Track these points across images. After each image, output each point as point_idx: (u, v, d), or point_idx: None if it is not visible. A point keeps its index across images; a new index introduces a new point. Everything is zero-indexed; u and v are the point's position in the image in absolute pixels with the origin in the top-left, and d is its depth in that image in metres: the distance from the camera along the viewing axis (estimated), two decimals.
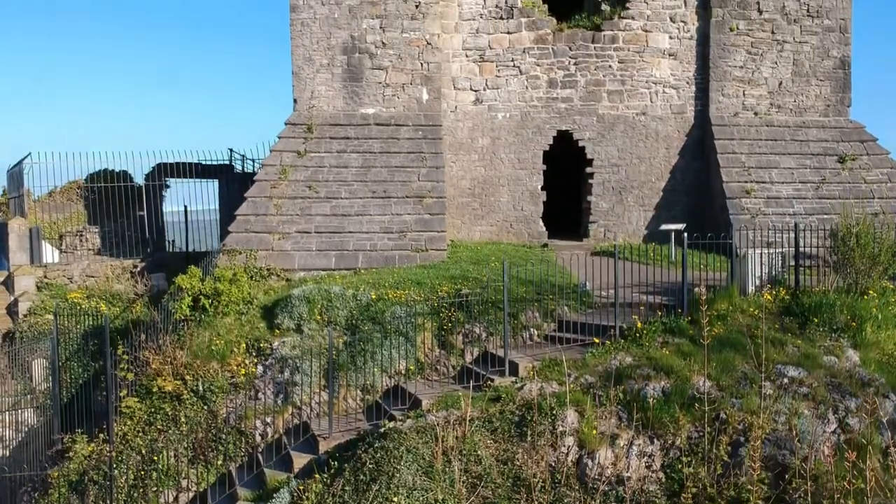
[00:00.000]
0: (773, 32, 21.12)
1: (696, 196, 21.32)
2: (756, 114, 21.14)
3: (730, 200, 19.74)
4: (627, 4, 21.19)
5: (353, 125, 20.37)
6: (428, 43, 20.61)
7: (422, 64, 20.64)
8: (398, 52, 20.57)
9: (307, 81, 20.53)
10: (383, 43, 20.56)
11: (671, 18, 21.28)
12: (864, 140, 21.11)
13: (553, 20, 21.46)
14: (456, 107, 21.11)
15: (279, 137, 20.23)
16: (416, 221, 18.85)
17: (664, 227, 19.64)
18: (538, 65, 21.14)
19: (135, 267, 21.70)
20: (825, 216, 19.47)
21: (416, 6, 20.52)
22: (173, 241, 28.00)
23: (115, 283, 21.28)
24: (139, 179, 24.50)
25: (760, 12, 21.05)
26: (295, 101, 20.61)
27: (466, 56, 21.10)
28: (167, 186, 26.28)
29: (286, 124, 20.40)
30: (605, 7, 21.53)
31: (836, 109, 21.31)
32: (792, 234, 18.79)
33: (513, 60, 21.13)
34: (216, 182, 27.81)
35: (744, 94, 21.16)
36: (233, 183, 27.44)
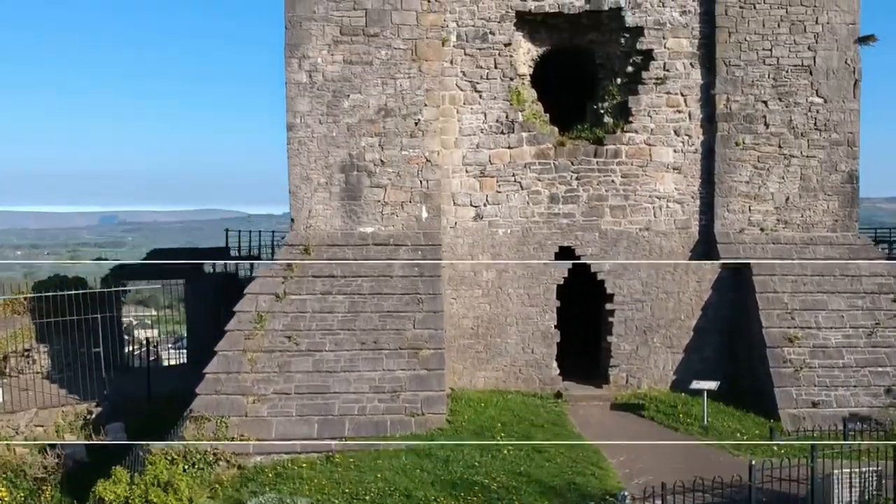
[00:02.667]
0: (780, 147, 20.69)
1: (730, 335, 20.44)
2: (762, 230, 20.72)
3: (770, 350, 18.68)
4: (630, 118, 20.81)
5: (351, 245, 20.00)
6: (427, 160, 20.28)
7: (421, 181, 20.30)
8: (397, 169, 20.24)
9: (304, 200, 20.21)
10: (382, 161, 20.23)
11: (675, 132, 20.89)
12: (872, 258, 20.63)
13: (555, 130, 21.11)
14: (456, 223, 20.76)
15: (254, 276, 19.70)
16: (410, 379, 17.51)
17: (695, 384, 18.62)
18: (539, 180, 20.79)
19: (89, 413, 19.61)
20: (879, 369, 18.43)
21: (416, 123, 20.19)
22: (139, 353, 26.43)
23: (68, 433, 18.94)
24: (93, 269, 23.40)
25: (767, 126, 20.63)
26: (292, 220, 20.32)
27: (466, 171, 20.77)
28: (126, 292, 25.63)
29: (282, 245, 20.10)
30: (607, 119, 21.16)
31: (843, 225, 20.86)
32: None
33: (514, 175, 20.78)
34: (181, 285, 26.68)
35: (750, 210, 20.74)
36: (199, 287, 26.50)
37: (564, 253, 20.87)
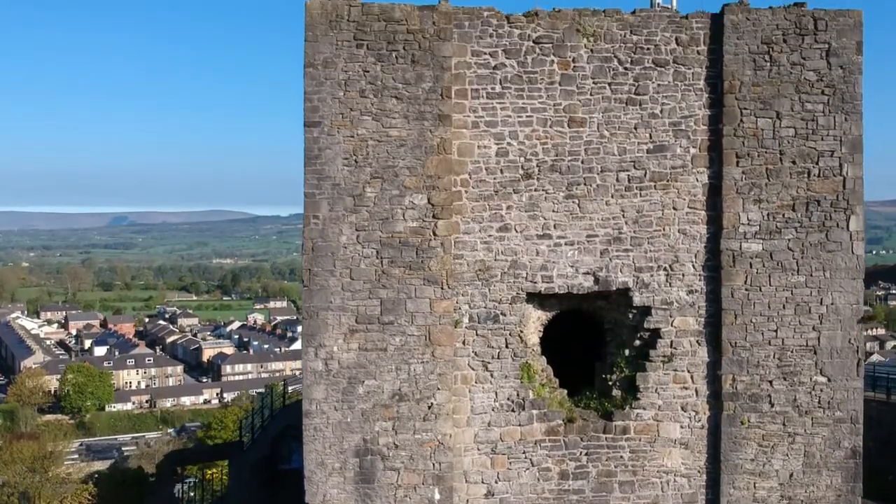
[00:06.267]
0: (784, 425, 21.15)
1: None
2: None
3: None
4: (638, 394, 21.25)
5: None
6: (440, 443, 20.68)
7: (434, 464, 20.70)
8: (410, 453, 20.65)
9: (319, 485, 20.61)
10: (395, 445, 20.64)
11: (682, 408, 21.34)
12: None
13: (565, 398, 21.59)
14: (468, 500, 21.19)
15: None
16: None
17: None
18: (549, 456, 21.22)
19: None
20: None
21: (429, 407, 20.58)
22: None
23: None
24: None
25: (772, 405, 21.09)
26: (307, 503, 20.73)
27: (478, 450, 21.14)
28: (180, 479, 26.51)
29: None
30: (616, 392, 21.61)
31: (846, 499, 21.35)
32: None
33: (524, 453, 21.20)
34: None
35: (755, 487, 21.20)
36: (240, 465, 27.54)
37: None
